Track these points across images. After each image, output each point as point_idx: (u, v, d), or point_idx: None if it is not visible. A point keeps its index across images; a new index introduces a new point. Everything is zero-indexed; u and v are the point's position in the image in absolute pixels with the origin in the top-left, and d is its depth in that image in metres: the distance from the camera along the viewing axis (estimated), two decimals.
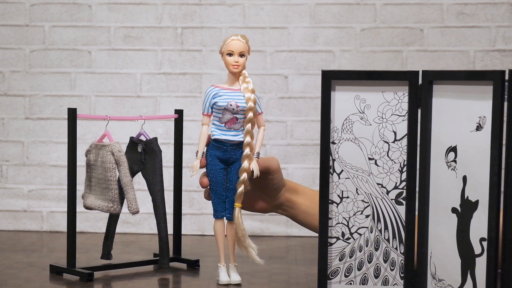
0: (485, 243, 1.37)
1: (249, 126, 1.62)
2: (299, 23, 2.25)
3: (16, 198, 2.28)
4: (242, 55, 1.62)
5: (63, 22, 2.27)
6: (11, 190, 2.28)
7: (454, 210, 1.43)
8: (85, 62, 2.27)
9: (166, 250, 1.76)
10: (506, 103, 1.34)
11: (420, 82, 1.49)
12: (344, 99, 1.49)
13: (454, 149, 1.44)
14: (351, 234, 1.51)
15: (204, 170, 1.65)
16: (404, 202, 1.50)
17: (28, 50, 2.27)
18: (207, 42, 2.25)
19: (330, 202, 1.51)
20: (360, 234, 1.52)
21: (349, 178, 1.51)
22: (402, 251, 1.51)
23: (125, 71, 2.27)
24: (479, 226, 1.38)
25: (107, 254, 1.80)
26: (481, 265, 1.38)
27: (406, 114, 1.49)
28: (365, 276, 1.52)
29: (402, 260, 1.51)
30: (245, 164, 1.62)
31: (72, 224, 1.71)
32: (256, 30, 2.25)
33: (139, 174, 1.79)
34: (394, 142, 1.50)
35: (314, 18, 2.25)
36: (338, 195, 1.51)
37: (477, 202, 1.39)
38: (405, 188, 1.50)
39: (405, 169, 1.50)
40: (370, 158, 1.50)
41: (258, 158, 1.64)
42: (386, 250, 1.51)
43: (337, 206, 1.51)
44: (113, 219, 1.81)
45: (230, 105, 1.61)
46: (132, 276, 1.73)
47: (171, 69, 2.27)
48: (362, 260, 1.52)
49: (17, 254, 1.95)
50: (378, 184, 1.51)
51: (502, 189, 1.35)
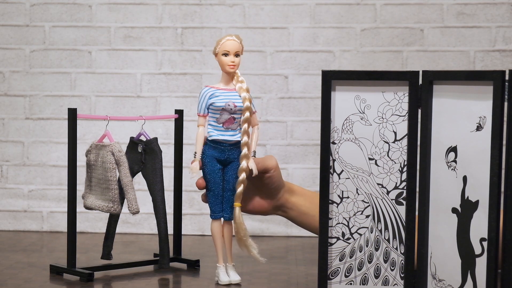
0: (485, 243, 1.37)
1: (246, 125, 1.62)
2: (299, 23, 2.25)
3: (16, 198, 2.28)
4: (237, 55, 1.63)
5: (63, 22, 2.27)
6: (11, 190, 2.28)
7: (454, 210, 1.43)
8: (85, 62, 2.27)
9: (166, 250, 1.76)
10: (506, 103, 1.34)
11: (420, 82, 1.49)
12: (344, 99, 1.49)
13: (454, 149, 1.44)
14: (351, 234, 1.51)
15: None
16: (404, 202, 1.50)
17: (28, 50, 2.27)
18: (207, 42, 2.25)
19: (330, 202, 1.51)
20: (360, 234, 1.52)
21: (349, 178, 1.51)
22: (402, 251, 1.51)
23: (125, 71, 2.27)
24: (479, 226, 1.38)
25: (107, 254, 1.80)
26: (481, 265, 1.38)
27: (406, 114, 1.49)
28: (365, 276, 1.52)
29: (402, 260, 1.51)
30: (243, 163, 1.63)
31: (72, 224, 1.71)
32: (256, 30, 2.25)
33: (139, 174, 1.79)
34: (394, 142, 1.50)
35: (314, 18, 2.25)
36: (338, 195, 1.51)
37: (477, 202, 1.39)
38: (405, 188, 1.50)
39: (405, 169, 1.50)
40: (370, 158, 1.50)
41: (255, 156, 1.65)
42: (386, 250, 1.51)
43: (337, 206, 1.51)
44: (113, 219, 1.81)
45: (228, 105, 1.61)
46: (132, 276, 1.73)
47: (171, 69, 2.27)
48: (362, 260, 1.52)
49: (17, 254, 1.95)
50: (378, 184, 1.51)
51: (502, 189, 1.35)
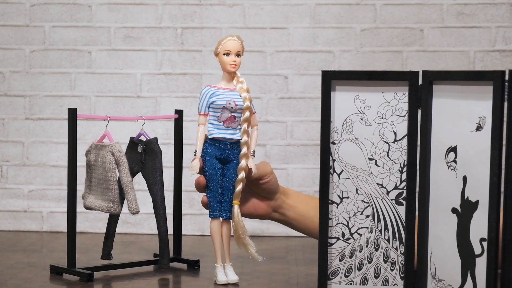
0: (485, 243, 1.37)
1: (245, 125, 1.63)
2: (299, 23, 2.25)
3: (16, 198, 2.28)
4: (238, 55, 1.64)
5: (63, 22, 2.27)
6: (11, 190, 2.28)
7: (454, 210, 1.43)
8: (85, 62, 2.27)
9: (166, 250, 1.76)
10: (506, 103, 1.34)
11: (420, 82, 1.49)
12: (344, 99, 1.49)
13: (454, 149, 1.44)
14: (351, 234, 1.51)
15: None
16: (404, 202, 1.50)
17: (28, 50, 2.27)
18: (207, 42, 2.25)
19: (330, 202, 1.51)
20: (360, 234, 1.52)
21: (349, 178, 1.51)
22: (402, 251, 1.51)
23: (125, 71, 2.27)
24: (479, 226, 1.38)
25: (107, 254, 1.80)
26: (481, 265, 1.38)
27: (406, 114, 1.49)
28: (365, 276, 1.52)
29: (402, 260, 1.51)
30: (243, 162, 1.63)
31: (72, 224, 1.71)
32: (256, 30, 2.25)
33: (139, 174, 1.79)
34: (394, 142, 1.50)
35: (314, 18, 2.25)
36: (338, 195, 1.51)
37: (477, 202, 1.39)
38: (405, 188, 1.50)
39: (405, 169, 1.50)
40: (370, 158, 1.50)
41: (254, 156, 1.65)
42: (386, 250, 1.51)
43: (337, 206, 1.51)
44: (113, 219, 1.81)
45: (229, 103, 1.62)
46: (132, 276, 1.73)
47: (171, 69, 2.27)
48: (362, 260, 1.52)
49: (17, 254, 1.95)
50: (378, 184, 1.51)
51: (502, 189, 1.35)
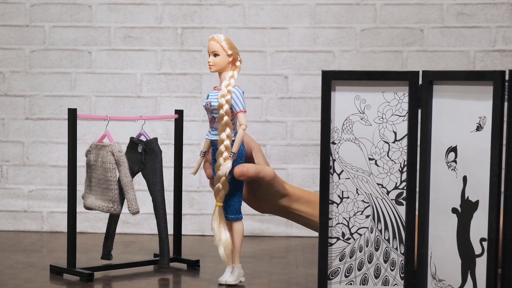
0: (485, 243, 1.37)
1: (222, 123, 1.60)
2: (299, 23, 2.25)
3: (16, 198, 2.28)
4: (215, 55, 1.62)
5: (63, 22, 2.27)
6: (11, 190, 2.28)
7: (454, 210, 1.43)
8: (85, 62, 2.27)
9: (166, 251, 1.76)
10: (506, 103, 1.34)
11: (420, 82, 1.49)
12: (344, 99, 1.49)
13: (454, 149, 1.44)
14: (351, 234, 1.51)
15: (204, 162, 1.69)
16: (404, 202, 1.50)
17: (28, 50, 2.27)
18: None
19: (330, 202, 1.51)
20: (360, 235, 1.52)
21: (349, 178, 1.51)
22: (402, 251, 1.51)
23: (125, 71, 2.27)
24: (479, 226, 1.38)
25: (107, 254, 1.80)
26: (481, 265, 1.38)
27: (406, 114, 1.49)
28: (365, 276, 1.52)
29: (402, 260, 1.51)
30: (220, 160, 1.61)
31: (72, 224, 1.71)
32: (256, 30, 2.25)
33: (139, 175, 1.79)
34: (394, 142, 1.50)
35: (314, 18, 2.25)
36: (338, 195, 1.51)
37: (477, 202, 1.39)
38: (405, 188, 1.50)
39: (405, 169, 1.50)
40: (370, 158, 1.50)
41: (233, 157, 1.60)
42: (386, 250, 1.51)
43: (337, 206, 1.51)
44: (113, 220, 1.81)
45: (207, 104, 1.62)
46: (132, 276, 1.73)
47: (171, 69, 2.27)
48: (362, 260, 1.52)
49: (17, 254, 1.95)
50: (378, 184, 1.51)
51: (502, 189, 1.35)
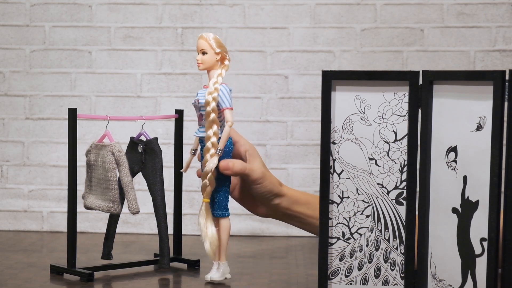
0: (485, 243, 1.37)
1: (209, 120, 1.61)
2: (299, 23, 2.25)
3: (16, 198, 2.28)
4: (203, 53, 1.63)
5: (63, 22, 2.27)
6: (11, 190, 2.28)
7: (454, 210, 1.43)
8: (85, 62, 2.27)
9: (167, 250, 1.76)
10: (506, 103, 1.34)
11: (420, 82, 1.49)
12: (344, 99, 1.49)
13: (454, 149, 1.44)
14: (352, 234, 1.51)
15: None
16: (404, 202, 1.50)
17: (28, 50, 2.27)
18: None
19: (330, 202, 1.51)
20: (360, 234, 1.52)
21: (349, 178, 1.51)
22: (403, 251, 1.51)
23: (125, 71, 2.27)
24: (480, 226, 1.38)
25: (108, 254, 1.80)
26: (481, 265, 1.38)
27: (407, 114, 1.49)
28: (365, 276, 1.52)
29: (402, 260, 1.51)
30: (207, 157, 1.62)
31: (72, 224, 1.71)
32: (256, 30, 2.25)
33: (140, 174, 1.79)
34: (394, 142, 1.50)
35: (314, 18, 2.25)
36: (339, 195, 1.51)
37: (477, 202, 1.39)
38: (405, 188, 1.50)
39: (405, 169, 1.50)
40: (370, 158, 1.50)
41: (220, 154, 1.61)
42: (387, 250, 1.51)
43: (337, 206, 1.51)
44: (113, 219, 1.81)
45: (195, 102, 1.63)
46: (132, 276, 1.73)
47: (171, 69, 2.27)
48: (362, 260, 1.52)
49: (17, 254, 1.95)
50: (378, 184, 1.51)
51: (503, 189, 1.35)
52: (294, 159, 2.26)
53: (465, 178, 1.41)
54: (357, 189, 1.51)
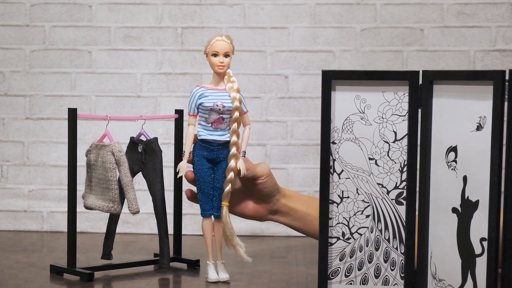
0: (485, 243, 1.37)
1: (235, 125, 1.64)
2: (299, 23, 2.25)
3: (16, 198, 2.28)
4: (227, 55, 1.64)
5: (63, 22, 2.27)
6: (11, 190, 2.28)
7: (454, 210, 1.43)
8: (85, 62, 2.27)
9: (167, 250, 1.76)
10: (506, 103, 1.34)
11: (420, 82, 1.49)
12: (344, 99, 1.49)
13: (454, 149, 1.44)
14: (352, 234, 1.51)
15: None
16: (404, 202, 1.50)
17: (28, 50, 2.27)
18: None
19: (330, 202, 1.51)
20: (360, 234, 1.52)
21: (349, 178, 1.51)
22: (403, 251, 1.51)
23: (125, 71, 2.27)
24: (480, 226, 1.38)
25: (108, 254, 1.80)
26: (481, 265, 1.38)
27: (407, 114, 1.49)
28: (365, 276, 1.52)
29: (402, 260, 1.51)
30: (231, 163, 1.64)
31: (72, 224, 1.71)
32: (256, 30, 2.25)
33: (140, 174, 1.79)
34: (394, 142, 1.50)
35: (314, 18, 2.25)
36: (339, 195, 1.51)
37: (477, 202, 1.39)
38: (405, 188, 1.50)
39: (405, 169, 1.50)
40: (370, 158, 1.50)
41: (245, 156, 1.66)
42: (387, 250, 1.51)
43: (337, 206, 1.51)
44: (113, 219, 1.81)
45: (216, 105, 1.62)
46: (132, 276, 1.73)
47: (171, 69, 2.27)
48: (362, 260, 1.52)
49: (17, 254, 1.95)
50: (378, 184, 1.51)
51: (503, 189, 1.35)
52: (294, 159, 2.26)
53: (465, 178, 1.41)
54: (357, 189, 1.51)
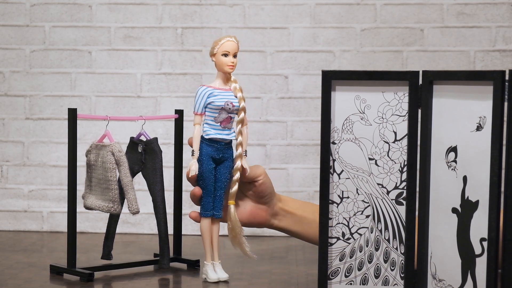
0: (485, 243, 1.37)
1: (240, 125, 1.65)
2: (300, 23, 2.25)
3: (16, 198, 2.28)
4: (235, 56, 1.64)
5: (64, 22, 2.27)
6: (12, 190, 2.28)
7: (454, 210, 1.43)
8: (85, 62, 2.27)
9: (167, 250, 1.76)
10: (506, 103, 1.34)
11: (420, 82, 1.49)
12: (344, 99, 1.49)
13: (454, 149, 1.44)
14: (352, 234, 1.51)
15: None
16: (404, 202, 1.50)
17: (28, 50, 2.27)
18: (207, 42, 2.25)
19: (330, 202, 1.51)
20: (360, 234, 1.52)
21: (349, 178, 1.51)
22: (403, 251, 1.51)
23: (125, 71, 2.27)
24: (479, 226, 1.38)
25: (108, 254, 1.80)
26: (481, 265, 1.38)
27: (406, 114, 1.49)
28: (365, 276, 1.52)
29: (402, 260, 1.51)
30: (238, 163, 1.64)
31: (72, 224, 1.71)
32: (256, 30, 2.25)
33: (140, 174, 1.79)
34: (394, 142, 1.50)
35: (314, 18, 2.25)
36: (339, 195, 1.51)
37: (477, 202, 1.39)
38: (405, 188, 1.50)
39: (405, 169, 1.50)
40: (370, 158, 1.50)
41: (246, 156, 1.67)
42: (387, 250, 1.51)
43: (337, 206, 1.51)
44: (113, 219, 1.81)
45: (227, 104, 1.62)
46: (132, 276, 1.73)
47: (171, 69, 2.27)
48: (362, 260, 1.52)
49: (17, 254, 1.95)
50: (378, 184, 1.51)
51: (502, 189, 1.35)
52: (294, 159, 2.26)
53: (465, 178, 1.41)
54: (357, 189, 1.51)
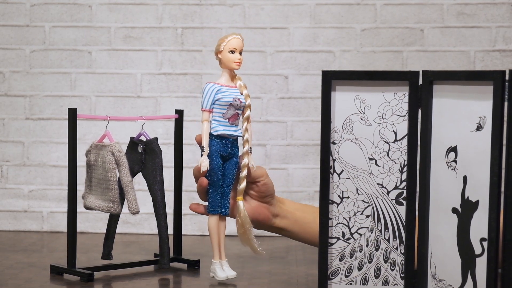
0: (485, 243, 1.37)
1: (246, 123, 1.65)
2: (300, 23, 2.25)
3: (16, 198, 2.28)
4: (241, 53, 1.64)
5: (64, 23, 2.27)
6: (12, 190, 2.28)
7: (454, 210, 1.43)
8: (85, 62, 2.27)
9: (167, 250, 1.76)
10: (506, 103, 1.34)
11: (420, 82, 1.49)
12: (344, 99, 1.49)
13: (454, 149, 1.44)
14: (352, 234, 1.51)
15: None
16: (404, 202, 1.50)
17: (28, 50, 2.27)
18: (208, 42, 2.25)
19: (330, 202, 1.51)
20: (360, 234, 1.52)
21: (349, 178, 1.51)
22: (403, 251, 1.51)
23: (125, 71, 2.27)
24: (480, 226, 1.38)
25: (108, 254, 1.80)
26: (481, 265, 1.38)
27: (407, 114, 1.49)
28: (365, 276, 1.52)
29: (402, 260, 1.51)
30: (245, 160, 1.64)
31: (72, 224, 1.71)
32: (256, 30, 2.25)
33: (140, 174, 1.79)
34: (394, 142, 1.50)
35: (315, 18, 2.25)
36: (339, 195, 1.51)
37: (477, 202, 1.39)
38: (405, 188, 1.50)
39: (405, 169, 1.50)
40: (370, 158, 1.50)
41: (251, 152, 1.66)
42: (387, 250, 1.51)
43: (337, 206, 1.51)
44: (113, 219, 1.81)
45: (235, 100, 1.63)
46: (132, 276, 1.73)
47: (172, 69, 2.27)
48: (362, 260, 1.52)
49: (17, 254, 1.95)
50: (378, 184, 1.51)
51: (503, 189, 1.35)
52: (294, 159, 2.26)
53: (465, 178, 1.41)
54: (357, 189, 1.51)
